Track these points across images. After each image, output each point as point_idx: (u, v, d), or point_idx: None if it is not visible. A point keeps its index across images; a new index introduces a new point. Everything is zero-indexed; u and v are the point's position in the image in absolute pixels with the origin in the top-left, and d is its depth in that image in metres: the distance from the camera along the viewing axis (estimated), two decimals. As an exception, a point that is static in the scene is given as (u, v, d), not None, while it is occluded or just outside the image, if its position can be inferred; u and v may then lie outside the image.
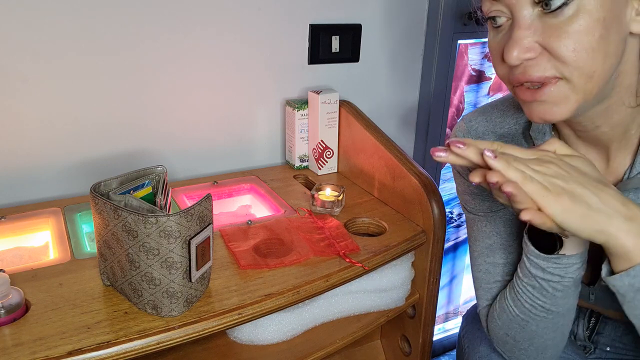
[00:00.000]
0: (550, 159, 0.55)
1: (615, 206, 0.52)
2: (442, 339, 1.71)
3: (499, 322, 0.74)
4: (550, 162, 0.54)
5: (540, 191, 0.51)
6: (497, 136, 0.76)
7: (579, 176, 0.53)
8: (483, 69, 1.48)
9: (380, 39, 1.25)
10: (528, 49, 0.55)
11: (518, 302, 0.69)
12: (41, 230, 0.89)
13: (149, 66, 1.02)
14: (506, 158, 0.52)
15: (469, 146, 0.53)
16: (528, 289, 0.67)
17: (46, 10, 0.90)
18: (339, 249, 0.83)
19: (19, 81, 0.92)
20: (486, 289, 0.79)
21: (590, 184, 0.53)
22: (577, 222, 0.51)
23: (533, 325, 0.69)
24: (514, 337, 0.72)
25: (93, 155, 1.02)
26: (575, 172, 0.54)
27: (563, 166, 0.54)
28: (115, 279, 0.69)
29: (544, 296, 0.66)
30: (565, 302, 0.66)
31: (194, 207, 0.64)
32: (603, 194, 0.52)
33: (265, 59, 1.13)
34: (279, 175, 1.13)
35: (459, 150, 0.53)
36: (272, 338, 0.83)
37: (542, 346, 0.71)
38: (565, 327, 0.69)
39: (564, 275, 0.63)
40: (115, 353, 0.61)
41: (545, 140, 0.70)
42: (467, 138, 0.56)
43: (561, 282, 0.64)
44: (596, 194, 0.52)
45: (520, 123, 0.74)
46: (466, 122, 0.79)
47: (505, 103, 0.77)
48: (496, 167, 0.51)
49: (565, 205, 0.51)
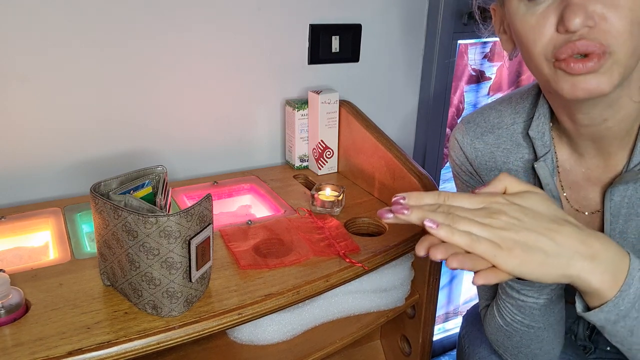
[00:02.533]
0: (499, 207, 0.52)
1: (574, 246, 0.51)
2: (442, 339, 1.71)
3: (489, 328, 0.75)
4: (499, 211, 0.52)
5: (491, 251, 0.49)
6: (495, 136, 0.75)
7: (531, 220, 0.51)
8: (483, 69, 1.48)
9: (380, 39, 1.25)
10: (590, 16, 0.53)
11: (501, 315, 0.69)
12: (41, 230, 0.89)
13: (149, 66, 1.02)
14: (451, 219, 0.50)
15: (412, 210, 0.52)
16: (507, 306, 0.67)
17: (46, 10, 0.90)
18: (339, 249, 0.83)
19: (18, 81, 0.92)
20: (485, 289, 0.79)
21: (543, 227, 0.51)
22: (536, 272, 0.50)
23: (517, 337, 0.69)
24: (503, 344, 0.73)
25: (93, 155, 1.02)
26: (527, 216, 0.52)
27: (513, 212, 0.52)
28: (115, 279, 0.69)
29: (522, 313, 0.66)
30: (544, 319, 0.66)
31: (194, 207, 0.64)
32: (559, 236, 0.51)
33: (265, 59, 1.13)
34: (279, 175, 1.13)
35: (403, 216, 0.52)
36: (272, 338, 0.83)
37: (531, 354, 0.71)
38: (552, 339, 0.69)
39: (537, 296, 0.63)
40: (115, 353, 0.61)
41: (544, 140, 0.70)
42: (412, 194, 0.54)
43: (536, 302, 0.64)
44: (551, 238, 0.50)
45: (518, 122, 0.74)
46: (465, 123, 0.79)
47: (503, 103, 0.77)
48: (439, 236, 0.50)
49: (520, 258, 0.49)
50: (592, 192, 0.70)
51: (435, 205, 0.53)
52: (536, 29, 0.58)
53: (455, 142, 0.80)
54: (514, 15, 0.60)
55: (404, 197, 0.54)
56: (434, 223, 0.50)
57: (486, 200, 0.53)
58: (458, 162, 0.81)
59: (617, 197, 0.66)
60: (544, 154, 0.70)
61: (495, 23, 0.69)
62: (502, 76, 1.53)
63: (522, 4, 0.59)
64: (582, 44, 0.54)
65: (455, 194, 0.54)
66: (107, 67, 0.98)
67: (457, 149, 0.80)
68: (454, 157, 0.82)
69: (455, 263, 0.49)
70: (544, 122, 0.70)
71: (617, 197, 0.66)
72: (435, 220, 0.51)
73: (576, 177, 0.71)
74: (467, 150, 0.78)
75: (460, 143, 0.79)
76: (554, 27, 0.56)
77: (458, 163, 0.81)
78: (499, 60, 1.50)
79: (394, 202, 0.53)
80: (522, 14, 0.59)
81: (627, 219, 0.66)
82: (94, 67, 0.97)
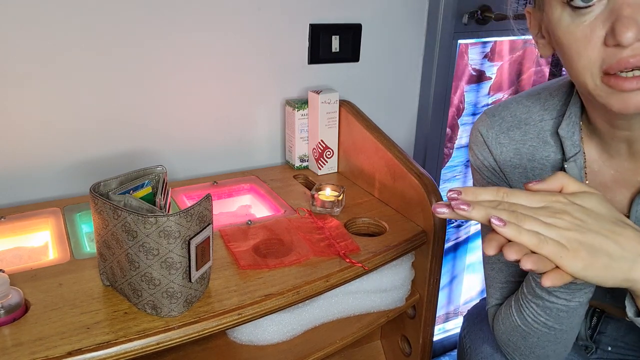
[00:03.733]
0: (561, 206, 0.51)
1: (637, 249, 0.50)
2: (443, 339, 1.71)
3: (502, 327, 0.73)
4: (562, 211, 0.51)
5: (557, 252, 0.49)
6: (522, 132, 0.73)
7: (594, 222, 0.50)
8: (483, 68, 1.48)
9: (380, 39, 1.25)
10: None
11: (521, 314, 0.67)
12: (41, 230, 0.89)
13: (148, 66, 1.01)
14: (516, 217, 0.49)
15: (474, 206, 0.50)
16: (532, 306, 0.65)
17: (46, 10, 0.90)
18: (339, 249, 0.82)
19: (18, 81, 0.92)
20: (497, 287, 0.77)
21: (606, 229, 0.50)
22: (600, 275, 0.49)
23: (534, 337, 0.68)
24: (515, 344, 0.71)
25: (93, 155, 1.02)
26: (589, 217, 0.51)
27: (576, 213, 0.51)
28: (115, 279, 0.69)
29: (547, 315, 0.64)
30: (569, 321, 0.64)
31: (194, 207, 0.64)
32: (622, 239, 0.50)
33: (265, 59, 1.13)
34: (279, 175, 1.13)
35: (463, 212, 0.50)
36: (272, 338, 0.83)
37: (544, 355, 0.70)
38: (568, 340, 0.68)
39: (570, 299, 0.62)
40: (115, 353, 0.61)
41: (574, 139, 0.67)
42: (468, 189, 0.52)
43: (567, 304, 0.62)
44: (615, 241, 0.50)
45: (547, 120, 0.71)
46: (489, 116, 0.75)
47: (531, 98, 0.74)
48: (507, 235, 0.49)
49: (585, 261, 0.49)
50: (620, 194, 0.67)
51: (495, 202, 0.52)
52: (582, 41, 0.55)
53: (478, 136, 0.76)
54: (557, 25, 0.57)
55: (460, 192, 0.52)
56: (502, 221, 0.49)
57: (546, 199, 0.52)
58: (481, 156, 0.77)
59: None
60: (574, 154, 0.68)
61: (531, 27, 0.66)
62: (503, 76, 1.53)
63: (565, 13, 0.56)
64: (637, 60, 0.52)
65: (513, 190, 0.53)
66: (107, 67, 0.98)
67: (481, 143, 0.76)
68: (475, 152, 0.77)
69: (529, 264, 0.48)
70: (575, 121, 0.68)
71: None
72: (502, 218, 0.49)
73: (604, 179, 0.68)
74: (491, 145, 0.74)
75: (484, 137, 0.75)
76: (602, 40, 0.53)
77: (480, 158, 0.77)
78: (499, 60, 1.50)
79: (450, 198, 0.52)
80: (566, 24, 0.56)
81: None
82: (94, 67, 0.97)
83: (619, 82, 0.53)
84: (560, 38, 0.57)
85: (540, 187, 0.54)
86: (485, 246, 0.51)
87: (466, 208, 0.50)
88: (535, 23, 0.65)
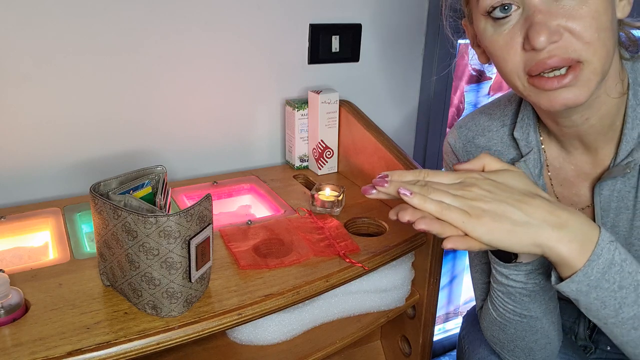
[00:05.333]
0: (473, 181, 0.55)
1: (542, 216, 0.52)
2: (442, 339, 1.71)
3: (484, 324, 0.75)
4: (472, 184, 0.55)
5: (460, 217, 0.52)
6: (486, 139, 0.77)
7: (502, 193, 0.54)
8: (483, 68, 1.48)
9: (380, 39, 1.25)
10: (554, 32, 0.55)
11: (494, 305, 0.70)
12: (41, 230, 0.89)
13: (148, 66, 1.01)
14: (425, 190, 0.53)
15: (390, 183, 0.55)
16: (499, 295, 0.68)
17: (46, 9, 0.90)
18: (339, 249, 0.83)
19: (18, 81, 0.92)
20: (482, 289, 0.80)
21: (513, 198, 0.53)
22: (505, 239, 0.52)
23: (511, 328, 0.70)
24: (499, 339, 0.73)
25: (93, 155, 1.02)
26: (499, 189, 0.54)
27: (485, 186, 0.54)
28: (115, 279, 0.69)
29: (513, 301, 0.66)
30: (536, 306, 0.66)
31: (194, 207, 0.64)
32: (527, 207, 0.53)
33: (265, 59, 1.13)
34: (279, 175, 1.13)
35: (383, 189, 0.55)
36: (272, 338, 0.83)
37: (527, 348, 0.71)
38: (546, 330, 0.69)
39: (526, 281, 0.63)
40: (115, 353, 0.61)
41: (529, 140, 0.72)
42: (396, 172, 0.57)
43: (525, 287, 0.64)
44: (520, 208, 0.53)
45: (507, 125, 0.76)
46: (457, 128, 0.81)
47: (493, 107, 0.79)
48: (413, 203, 0.53)
49: (488, 225, 0.52)
50: (583, 187, 0.71)
51: (414, 181, 0.56)
52: (504, 48, 0.60)
53: (448, 147, 0.82)
54: (483, 35, 0.62)
55: (387, 174, 0.56)
56: (408, 191, 0.53)
57: (462, 176, 0.57)
58: (451, 165, 0.83)
59: (607, 191, 0.67)
60: (527, 153, 0.72)
61: (468, 37, 0.70)
62: (502, 76, 1.53)
63: (488, 25, 0.60)
64: (553, 61, 0.56)
65: (435, 171, 0.57)
66: (107, 67, 0.98)
67: (450, 153, 0.82)
68: (447, 161, 0.84)
69: (422, 225, 0.52)
70: (528, 123, 0.72)
71: (607, 191, 0.67)
72: (410, 189, 0.54)
73: (566, 174, 0.72)
74: (459, 154, 0.80)
75: (452, 147, 0.81)
76: (521, 46, 0.58)
77: (451, 166, 0.83)
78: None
79: (375, 180, 0.56)
80: (490, 34, 0.61)
81: (618, 212, 0.67)
82: (94, 67, 0.97)
83: (542, 82, 0.58)
84: (487, 47, 0.62)
85: (464, 167, 0.59)
86: (390, 213, 0.56)
87: (385, 185, 0.55)
88: (471, 34, 0.69)
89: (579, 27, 0.54)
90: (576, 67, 0.56)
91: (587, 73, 0.56)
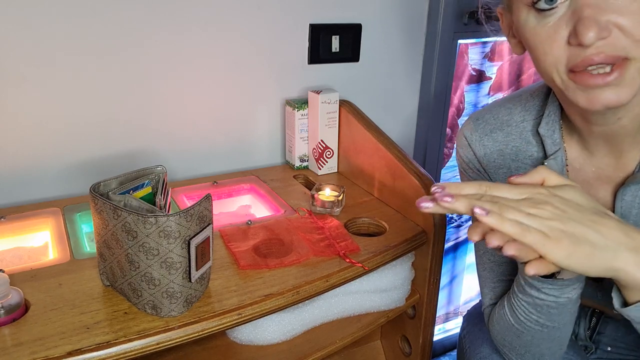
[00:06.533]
0: (543, 197, 0.52)
1: (619, 239, 0.50)
2: (443, 339, 1.71)
3: (497, 327, 0.74)
4: (543, 202, 0.51)
5: (540, 241, 0.49)
6: (505, 134, 0.75)
7: (576, 213, 0.51)
8: (483, 68, 1.48)
9: (380, 39, 1.25)
10: (603, 28, 0.52)
11: (514, 313, 0.68)
12: (41, 230, 0.89)
13: (148, 66, 1.01)
14: (499, 208, 0.50)
15: (457, 198, 0.51)
16: (523, 304, 0.66)
17: (45, 10, 0.90)
18: (339, 249, 0.82)
19: (18, 81, 0.92)
20: (490, 287, 0.78)
21: (588, 219, 0.51)
22: (583, 264, 0.50)
23: (528, 336, 0.68)
24: (511, 343, 0.72)
25: (93, 155, 1.02)
26: (571, 208, 0.51)
27: (558, 204, 0.51)
28: (115, 279, 0.69)
29: (538, 312, 0.65)
30: (561, 318, 0.65)
31: (194, 207, 0.64)
32: (604, 228, 0.51)
33: (265, 59, 1.13)
34: (279, 175, 1.13)
35: (447, 204, 0.50)
36: (272, 338, 0.83)
37: (539, 354, 0.70)
38: (562, 338, 0.68)
39: (559, 295, 0.62)
40: (115, 353, 0.61)
41: (554, 137, 0.69)
42: (452, 184, 0.53)
43: (557, 301, 0.62)
44: (597, 230, 0.50)
45: (528, 120, 0.73)
46: (473, 120, 0.78)
47: (513, 101, 0.76)
48: (490, 224, 0.49)
49: (568, 249, 0.49)
50: (603, 191, 0.69)
51: (478, 195, 0.52)
52: (547, 42, 0.57)
53: (463, 139, 0.79)
54: (524, 26, 0.59)
55: (444, 187, 0.52)
56: (484, 210, 0.49)
57: (528, 192, 0.53)
58: (466, 159, 0.80)
59: (629, 197, 0.65)
60: (554, 152, 0.69)
61: (503, 27, 0.68)
62: (503, 76, 1.53)
63: (531, 16, 0.58)
64: (600, 58, 0.53)
65: (496, 184, 0.53)
66: (107, 67, 0.98)
67: (465, 146, 0.79)
68: (461, 155, 0.80)
69: (512, 250, 0.49)
70: (554, 119, 0.69)
71: (629, 197, 0.65)
72: (485, 207, 0.50)
73: (586, 176, 0.70)
74: (475, 148, 0.77)
75: (468, 140, 0.78)
76: (566, 40, 0.55)
77: (466, 160, 0.80)
78: (499, 60, 1.50)
79: (434, 192, 0.52)
80: (532, 26, 0.58)
81: (638, 219, 0.65)
82: (94, 67, 0.97)
83: (585, 78, 0.55)
84: (528, 39, 0.60)
85: (523, 180, 0.55)
86: (470, 233, 0.51)
87: (449, 200, 0.50)
88: (506, 24, 0.66)
89: (630, 24, 0.52)
90: (622, 64, 0.54)
91: (632, 71, 0.54)
